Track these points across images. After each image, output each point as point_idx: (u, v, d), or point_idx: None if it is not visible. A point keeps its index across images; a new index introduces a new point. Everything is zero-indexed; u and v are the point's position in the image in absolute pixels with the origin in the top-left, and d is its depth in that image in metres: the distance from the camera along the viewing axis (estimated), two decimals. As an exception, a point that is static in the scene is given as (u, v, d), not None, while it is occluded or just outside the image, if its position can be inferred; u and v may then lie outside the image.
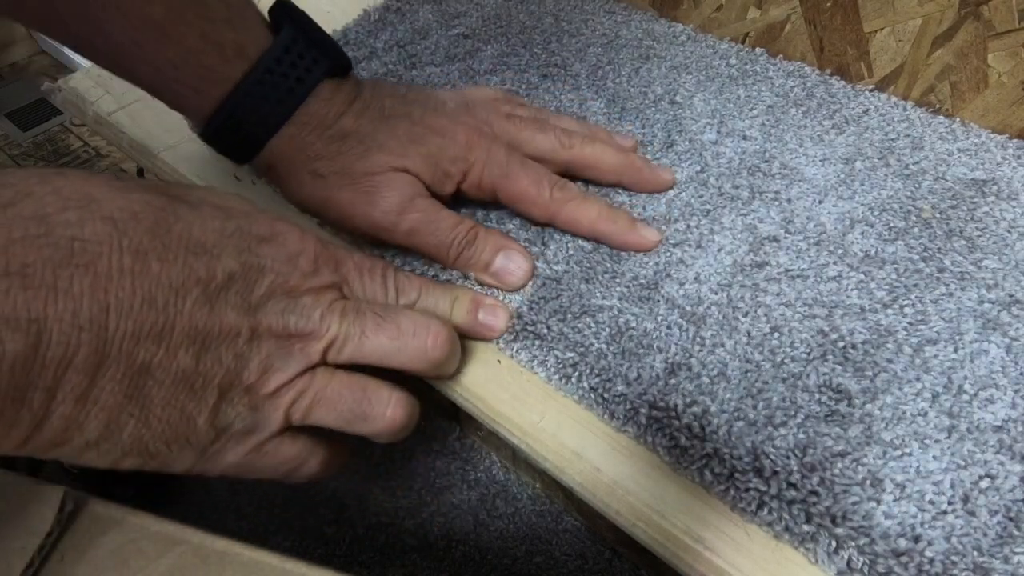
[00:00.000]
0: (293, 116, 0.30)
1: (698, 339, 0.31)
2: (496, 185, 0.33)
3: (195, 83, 0.29)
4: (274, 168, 0.32)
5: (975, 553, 0.24)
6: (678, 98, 0.43)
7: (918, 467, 0.26)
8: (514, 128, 0.35)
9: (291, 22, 0.30)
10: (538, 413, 0.30)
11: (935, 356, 0.30)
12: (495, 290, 0.33)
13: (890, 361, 0.30)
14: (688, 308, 0.32)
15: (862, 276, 0.33)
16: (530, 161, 0.34)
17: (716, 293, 0.32)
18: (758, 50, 0.47)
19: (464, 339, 0.32)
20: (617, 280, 0.33)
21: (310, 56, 0.30)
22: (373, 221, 0.31)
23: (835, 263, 0.33)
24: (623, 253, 0.34)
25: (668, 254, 0.34)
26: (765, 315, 0.31)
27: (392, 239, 0.32)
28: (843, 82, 0.44)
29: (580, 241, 0.35)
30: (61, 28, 0.28)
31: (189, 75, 0.28)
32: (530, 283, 0.33)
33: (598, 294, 0.32)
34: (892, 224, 0.35)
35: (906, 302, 0.32)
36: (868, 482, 0.26)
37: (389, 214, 0.31)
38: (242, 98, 0.29)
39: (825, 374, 0.29)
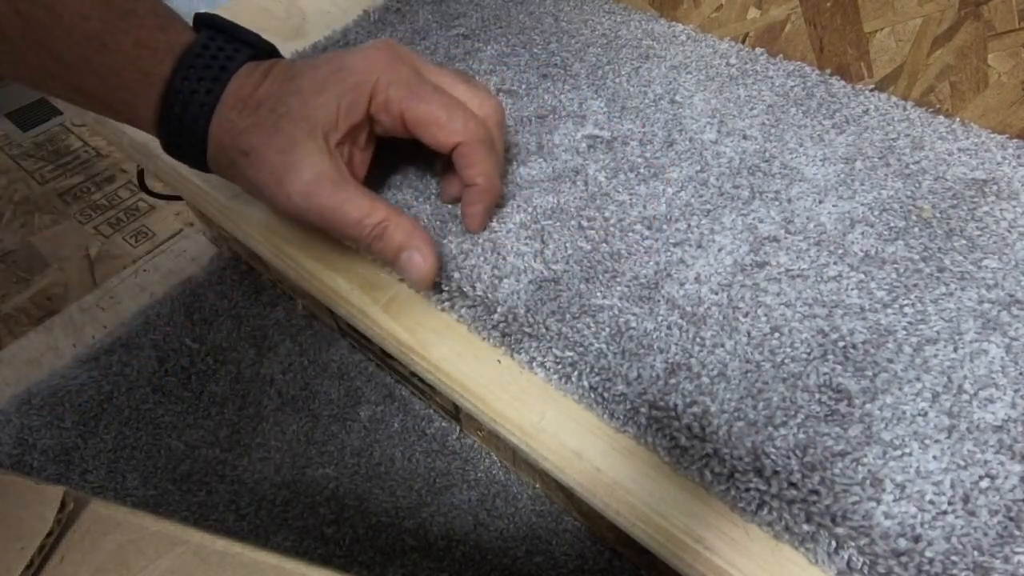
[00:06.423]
0: (220, 99, 0.31)
1: (698, 339, 0.31)
2: (403, 106, 0.32)
3: (135, 86, 0.30)
4: (218, 161, 0.32)
5: (975, 553, 0.24)
6: (678, 97, 0.43)
7: (918, 467, 0.26)
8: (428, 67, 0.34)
9: (209, 26, 0.32)
10: (538, 413, 0.30)
11: (935, 356, 0.30)
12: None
13: (890, 361, 0.30)
14: (688, 308, 0.32)
15: (862, 276, 0.33)
16: (442, 89, 0.33)
17: (716, 293, 0.32)
18: (758, 50, 0.47)
19: (465, 340, 0.32)
20: (617, 280, 0.33)
21: (231, 47, 0.32)
22: (283, 207, 0.32)
23: (835, 263, 0.33)
24: (623, 252, 0.34)
25: (668, 254, 0.34)
26: (765, 315, 0.31)
27: (309, 223, 0.32)
28: (843, 82, 0.44)
29: (579, 241, 0.35)
30: (16, 58, 0.30)
31: (129, 79, 0.30)
32: (529, 283, 0.33)
33: (598, 294, 0.32)
34: (892, 224, 0.35)
35: (906, 302, 0.32)
36: (868, 482, 0.26)
37: (293, 197, 0.31)
38: (175, 93, 0.31)
39: (825, 374, 0.29)
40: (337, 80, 0.31)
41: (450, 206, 0.37)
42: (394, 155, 0.38)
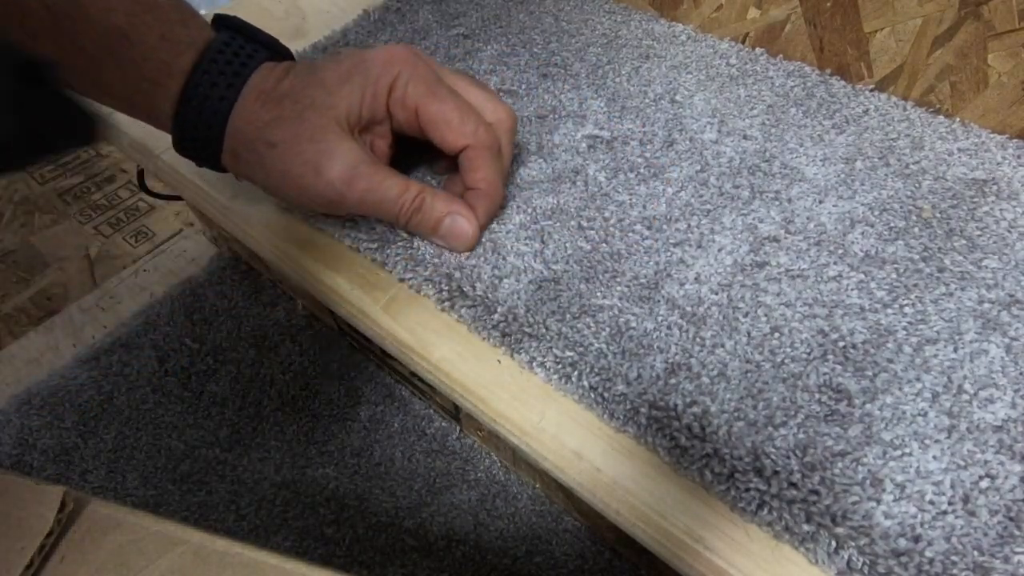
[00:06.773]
0: (241, 93, 0.32)
1: (698, 339, 0.31)
2: (419, 103, 0.32)
3: (157, 77, 0.31)
4: (237, 155, 0.33)
5: (975, 553, 0.24)
6: (678, 97, 0.43)
7: (918, 467, 0.26)
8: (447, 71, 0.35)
9: (228, 26, 0.33)
10: (538, 413, 0.30)
11: (935, 356, 0.30)
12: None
13: (890, 361, 0.30)
14: (688, 308, 0.32)
15: (862, 276, 0.33)
16: (457, 92, 0.34)
17: (716, 293, 0.32)
18: (758, 50, 0.47)
19: (465, 340, 0.32)
20: (617, 280, 0.33)
21: (251, 47, 0.32)
22: (320, 194, 0.32)
23: (835, 263, 0.33)
24: (623, 252, 0.34)
25: (669, 254, 0.34)
26: (765, 315, 0.31)
27: (344, 210, 0.33)
28: (843, 82, 0.44)
29: (579, 241, 0.35)
30: (37, 51, 0.30)
31: (150, 72, 0.31)
32: (529, 283, 0.33)
33: (598, 294, 0.32)
34: (892, 224, 0.35)
35: (906, 302, 0.32)
36: (868, 482, 0.26)
37: (334, 184, 0.31)
38: (195, 87, 0.31)
39: (825, 374, 0.29)
40: (360, 72, 0.32)
41: (450, 206, 0.37)
42: (396, 155, 0.38)
